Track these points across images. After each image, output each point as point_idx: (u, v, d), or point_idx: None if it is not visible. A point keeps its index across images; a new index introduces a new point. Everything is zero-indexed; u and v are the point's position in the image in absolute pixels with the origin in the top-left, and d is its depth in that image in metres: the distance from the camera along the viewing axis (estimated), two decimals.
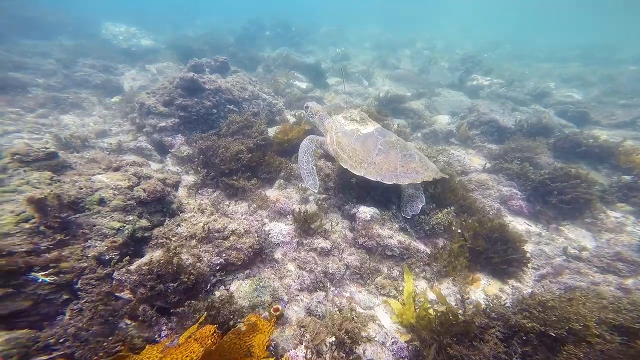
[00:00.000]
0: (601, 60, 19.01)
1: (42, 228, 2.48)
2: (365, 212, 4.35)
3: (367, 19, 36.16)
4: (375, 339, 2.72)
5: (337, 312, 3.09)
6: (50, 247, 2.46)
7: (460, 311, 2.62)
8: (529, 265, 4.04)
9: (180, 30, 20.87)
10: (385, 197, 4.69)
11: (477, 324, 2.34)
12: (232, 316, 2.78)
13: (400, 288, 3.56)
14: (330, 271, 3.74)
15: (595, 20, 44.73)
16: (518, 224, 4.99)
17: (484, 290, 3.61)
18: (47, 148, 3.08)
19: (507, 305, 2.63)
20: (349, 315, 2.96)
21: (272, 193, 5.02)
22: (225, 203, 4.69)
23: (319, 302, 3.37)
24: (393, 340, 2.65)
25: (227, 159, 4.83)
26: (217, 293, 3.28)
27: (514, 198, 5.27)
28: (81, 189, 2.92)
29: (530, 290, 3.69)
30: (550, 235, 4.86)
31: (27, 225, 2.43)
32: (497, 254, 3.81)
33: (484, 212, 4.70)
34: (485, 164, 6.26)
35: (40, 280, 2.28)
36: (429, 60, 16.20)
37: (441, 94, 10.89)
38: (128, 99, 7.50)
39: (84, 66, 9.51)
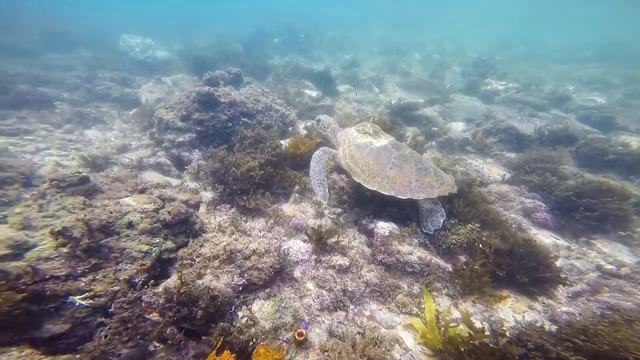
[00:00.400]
0: (620, 60, 18.33)
1: (78, 252, 2.59)
2: (383, 227, 4.34)
3: (372, 22, 36.12)
4: None
5: (360, 335, 3.08)
6: (86, 270, 2.56)
7: (489, 337, 2.52)
8: (565, 285, 3.84)
9: (190, 40, 21.38)
10: (403, 212, 4.66)
11: (514, 355, 2.21)
12: (253, 339, 2.83)
13: (422, 306, 3.52)
14: (350, 289, 3.74)
15: (603, 18, 43.21)
16: (544, 237, 4.83)
17: (512, 307, 3.50)
18: (79, 173, 3.22)
19: (544, 330, 2.50)
20: (371, 337, 2.96)
21: (287, 208, 5.04)
22: (243, 219, 4.75)
23: (340, 322, 3.38)
24: None
25: (239, 177, 4.82)
26: (240, 314, 3.33)
27: (538, 210, 5.09)
28: (111, 213, 3.03)
29: (564, 309, 3.52)
30: (580, 249, 4.65)
31: (65, 250, 2.55)
32: (525, 272, 3.64)
33: (506, 226, 4.58)
34: (505, 174, 6.11)
35: (77, 304, 2.38)
36: (440, 65, 16.06)
37: (454, 99, 10.76)
38: (145, 112, 7.72)
39: (104, 79, 9.89)
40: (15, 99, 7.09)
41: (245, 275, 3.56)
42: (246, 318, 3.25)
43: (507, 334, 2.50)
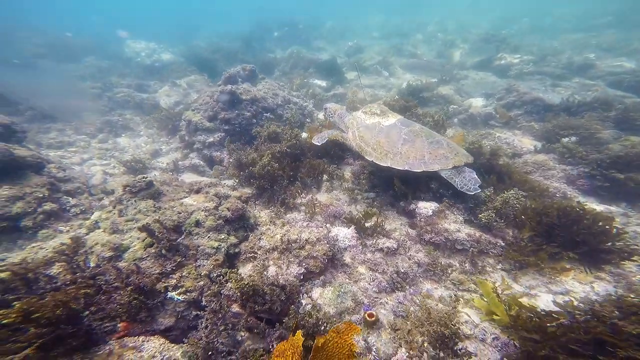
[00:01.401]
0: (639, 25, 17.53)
1: (163, 251, 2.77)
2: (426, 207, 4.42)
3: (370, 7, 35.18)
4: (474, 335, 2.85)
5: (425, 312, 3.23)
6: (174, 268, 2.75)
7: (564, 316, 2.46)
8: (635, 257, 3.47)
9: (191, 41, 21.24)
10: (437, 194, 4.72)
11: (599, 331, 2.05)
12: (321, 322, 3.00)
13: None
14: (402, 270, 3.88)
15: None
16: (594, 205, 4.65)
17: (577, 278, 3.43)
18: (145, 178, 3.39)
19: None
20: (439, 313, 3.10)
21: (321, 197, 5.16)
22: (282, 211, 4.90)
23: (400, 302, 3.54)
24: (493, 336, 2.78)
25: (260, 174, 4.75)
26: (304, 302, 3.51)
27: (582, 177, 4.97)
28: (180, 213, 3.20)
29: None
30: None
31: (152, 250, 2.75)
32: (583, 241, 3.48)
33: (549, 195, 4.54)
34: (536, 145, 6.02)
35: (175, 299, 2.57)
36: (445, 43, 15.74)
37: (468, 76, 10.62)
38: (169, 116, 7.86)
39: (121, 86, 10.02)
40: (49, 111, 7.31)
41: (303, 264, 3.73)
42: (310, 304, 3.43)
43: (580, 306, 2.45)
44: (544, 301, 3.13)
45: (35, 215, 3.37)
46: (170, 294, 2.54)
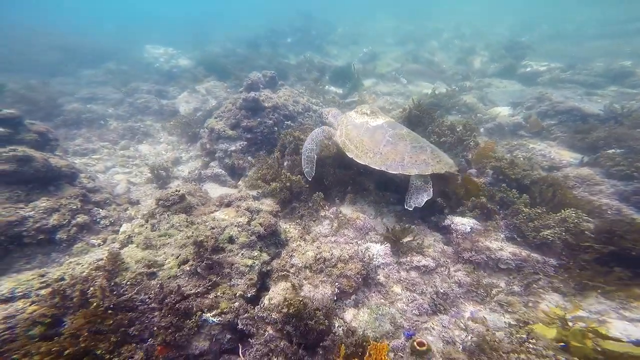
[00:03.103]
0: None
1: (199, 270, 2.61)
2: (463, 223, 4.22)
3: (379, 13, 35.21)
4: None
5: (478, 339, 2.96)
6: (209, 288, 2.59)
7: None
8: None
9: (204, 46, 21.60)
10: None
11: None
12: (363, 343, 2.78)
13: (530, 305, 3.34)
14: (442, 291, 3.64)
15: None
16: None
17: None
18: (178, 192, 3.27)
19: None
20: (501, 342, 2.82)
21: (346, 210, 4.97)
22: (308, 225, 4.72)
23: (444, 326, 3.29)
24: None
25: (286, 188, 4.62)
26: (336, 323, 3.29)
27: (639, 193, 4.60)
28: (213, 228, 3.05)
29: None
30: None
31: (187, 268, 2.59)
32: None
33: (600, 212, 4.29)
34: (583, 157, 5.65)
35: (211, 322, 2.41)
36: (465, 51, 15.46)
37: (492, 84, 10.32)
38: (189, 123, 7.85)
39: (142, 92, 10.14)
40: (75, 117, 7.42)
41: (336, 283, 3.53)
42: (343, 328, 3.21)
43: None
44: (620, 329, 2.82)
45: (69, 227, 3.30)
46: (205, 316, 2.37)
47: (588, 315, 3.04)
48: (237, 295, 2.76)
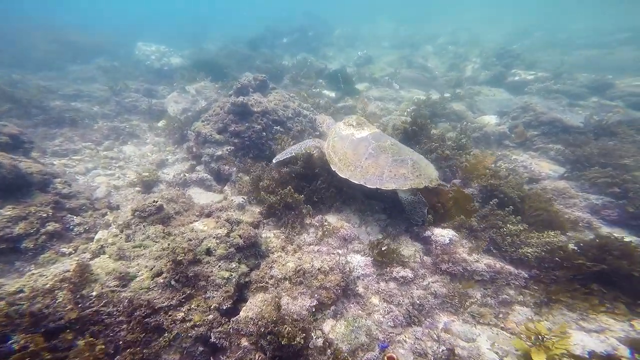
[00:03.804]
0: None
1: (172, 282, 2.60)
2: (442, 235, 4.29)
3: (379, 16, 35.33)
4: None
5: (448, 352, 3.02)
6: (182, 300, 2.58)
7: None
8: None
9: (201, 44, 21.36)
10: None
11: None
12: None
13: (501, 316, 3.43)
14: (418, 302, 3.70)
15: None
16: (626, 238, 4.45)
17: (611, 315, 3.24)
18: (156, 202, 3.24)
19: None
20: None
21: (331, 218, 5.00)
22: (293, 233, 4.73)
23: (417, 338, 3.34)
24: None
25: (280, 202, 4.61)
26: (313, 335, 3.31)
27: (608, 207, 4.85)
28: (190, 240, 3.04)
29: None
30: None
31: (160, 280, 2.58)
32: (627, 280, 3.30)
33: (572, 225, 4.44)
34: (565, 172, 5.83)
35: (182, 335, 2.40)
36: (458, 57, 15.64)
37: (481, 92, 10.47)
38: (177, 125, 7.75)
39: (130, 91, 9.96)
40: (56, 116, 7.23)
41: (316, 295, 3.55)
42: (321, 339, 3.24)
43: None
44: (577, 340, 2.93)
45: (37, 236, 3.20)
46: (177, 330, 2.36)
47: (551, 326, 3.14)
48: (212, 307, 2.75)
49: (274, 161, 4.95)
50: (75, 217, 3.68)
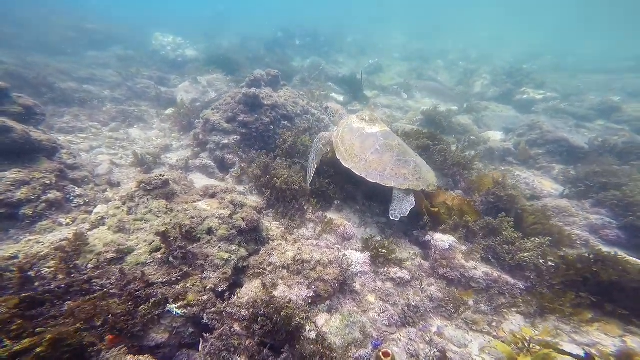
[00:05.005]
0: None
1: (170, 259, 2.56)
2: (442, 240, 4.25)
3: (392, 29, 35.85)
4: None
5: (440, 354, 2.96)
6: (178, 278, 2.54)
7: None
8: None
9: (214, 40, 21.64)
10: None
11: None
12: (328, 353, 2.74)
13: (494, 324, 3.38)
14: (413, 304, 3.66)
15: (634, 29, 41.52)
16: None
17: (603, 330, 3.21)
18: (162, 176, 3.22)
19: None
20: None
21: (332, 216, 4.98)
22: (292, 225, 4.70)
23: (411, 339, 3.28)
24: None
25: (280, 188, 4.71)
26: (307, 327, 3.24)
27: (607, 227, 4.85)
28: (193, 218, 3.01)
29: None
30: None
31: (158, 255, 2.54)
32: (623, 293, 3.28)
33: (571, 241, 4.44)
34: (565, 190, 5.86)
35: (174, 313, 2.35)
36: (468, 72, 15.78)
37: (488, 107, 10.52)
38: (185, 112, 7.79)
39: (143, 78, 10.04)
40: (67, 96, 7.27)
41: (313, 286, 3.50)
42: (315, 332, 3.17)
43: None
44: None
45: (37, 203, 3.14)
46: (169, 307, 2.31)
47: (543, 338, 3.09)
48: (208, 288, 2.70)
49: (308, 180, 4.77)
50: (77, 188, 3.65)
